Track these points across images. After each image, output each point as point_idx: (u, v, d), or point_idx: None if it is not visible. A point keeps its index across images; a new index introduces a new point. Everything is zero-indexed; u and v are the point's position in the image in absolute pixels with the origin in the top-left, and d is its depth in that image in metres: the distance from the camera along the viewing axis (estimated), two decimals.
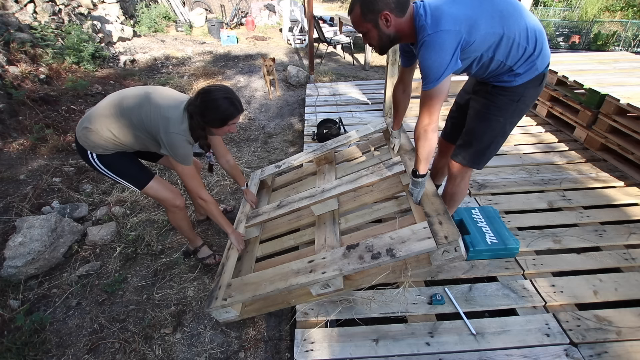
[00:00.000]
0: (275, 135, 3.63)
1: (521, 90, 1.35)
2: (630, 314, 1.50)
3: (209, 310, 1.54)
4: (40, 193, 2.60)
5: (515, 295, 1.60)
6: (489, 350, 1.39)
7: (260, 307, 1.62)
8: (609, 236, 1.92)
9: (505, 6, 1.22)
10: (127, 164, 1.72)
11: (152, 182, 1.75)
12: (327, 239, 1.72)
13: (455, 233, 1.28)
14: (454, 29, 1.14)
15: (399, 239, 1.37)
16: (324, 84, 4.71)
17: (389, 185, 1.90)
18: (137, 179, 1.74)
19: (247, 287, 1.52)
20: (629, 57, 3.54)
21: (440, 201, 1.50)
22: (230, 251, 1.87)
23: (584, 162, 2.64)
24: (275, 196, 2.42)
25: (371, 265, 1.33)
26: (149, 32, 7.49)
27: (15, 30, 4.20)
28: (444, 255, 1.32)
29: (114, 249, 2.16)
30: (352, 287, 1.49)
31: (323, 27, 7.11)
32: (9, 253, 1.92)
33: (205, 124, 1.57)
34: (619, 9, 10.50)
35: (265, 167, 2.54)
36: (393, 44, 1.30)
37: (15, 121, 3.28)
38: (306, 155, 2.40)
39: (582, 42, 7.94)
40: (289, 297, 1.58)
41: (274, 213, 1.94)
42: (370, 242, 1.42)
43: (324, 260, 1.45)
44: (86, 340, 1.66)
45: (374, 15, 1.19)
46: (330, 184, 1.93)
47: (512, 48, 1.24)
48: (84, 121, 1.60)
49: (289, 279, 1.44)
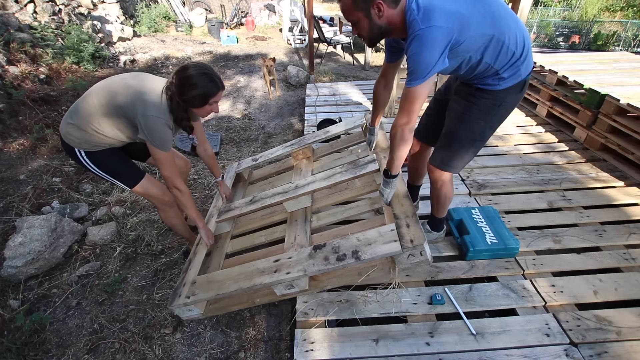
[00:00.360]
0: (275, 135, 3.63)
1: (503, 95, 1.33)
2: (630, 314, 1.50)
3: (171, 308, 1.52)
4: (40, 193, 2.60)
5: (515, 295, 1.60)
6: (489, 350, 1.39)
7: (224, 306, 1.59)
8: (609, 236, 1.92)
9: (498, 8, 1.19)
10: (118, 162, 1.69)
11: (143, 181, 1.73)
12: (297, 237, 1.70)
13: (421, 237, 1.27)
14: (446, 26, 1.10)
15: (365, 241, 1.35)
16: (324, 84, 4.71)
17: (363, 184, 1.87)
18: (128, 177, 1.71)
19: (212, 286, 1.49)
20: (629, 57, 3.54)
21: (410, 203, 1.48)
22: (198, 247, 1.83)
23: (584, 162, 2.64)
24: (251, 190, 2.38)
25: (335, 267, 1.32)
26: (149, 32, 7.49)
27: (15, 30, 4.20)
28: (409, 258, 1.31)
29: (114, 249, 2.16)
30: (317, 288, 1.48)
31: (323, 27, 7.11)
32: (9, 253, 1.92)
33: (185, 105, 1.51)
34: (619, 9, 10.50)
35: (243, 160, 2.51)
36: (383, 37, 1.26)
37: (15, 121, 3.28)
38: (284, 150, 2.35)
39: (582, 42, 7.95)
40: (254, 297, 1.56)
41: (246, 208, 1.90)
42: (337, 243, 1.40)
43: (290, 260, 1.43)
44: (86, 340, 1.66)
45: (365, 4, 1.14)
46: (304, 180, 1.88)
47: (501, 51, 1.21)
48: (66, 118, 1.56)
49: (253, 279, 1.42)
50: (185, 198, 1.70)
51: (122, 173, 1.71)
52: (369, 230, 1.40)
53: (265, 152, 2.44)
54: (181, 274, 1.68)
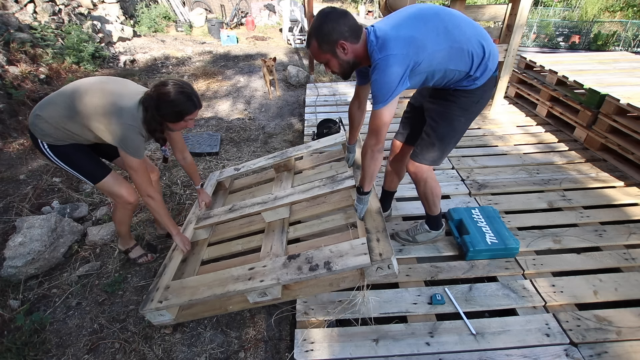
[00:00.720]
0: (275, 135, 3.63)
1: (480, 92, 1.41)
2: (630, 314, 1.50)
3: (142, 312, 1.53)
4: (40, 193, 2.60)
5: (515, 295, 1.60)
6: (489, 350, 1.39)
7: (196, 312, 1.61)
8: (609, 236, 1.92)
9: (450, 19, 1.29)
10: (82, 157, 1.67)
11: (108, 177, 1.71)
12: (273, 247, 1.75)
13: (389, 251, 1.35)
14: (401, 53, 1.20)
15: (337, 253, 1.42)
16: (324, 84, 4.71)
17: (340, 198, 1.95)
18: (91, 173, 1.69)
19: (185, 291, 1.51)
20: (629, 57, 3.54)
21: (382, 218, 1.57)
22: (174, 252, 1.84)
23: (584, 162, 2.64)
24: (231, 199, 2.43)
25: (308, 276, 1.37)
26: (149, 32, 7.49)
27: (15, 30, 4.20)
28: (377, 271, 1.38)
29: (114, 249, 2.16)
30: (290, 296, 1.52)
31: None
32: (9, 253, 1.92)
33: (160, 118, 1.53)
34: (618, 9, 10.50)
35: (224, 169, 2.55)
36: (354, 68, 1.37)
37: (15, 121, 3.28)
38: (266, 161, 2.42)
39: (582, 42, 7.95)
40: (227, 303, 1.59)
41: (224, 217, 1.94)
42: (310, 254, 1.46)
43: (264, 269, 1.47)
44: (86, 340, 1.66)
45: (330, 46, 1.26)
46: (284, 192, 1.96)
47: (463, 56, 1.30)
48: (35, 109, 1.56)
49: (227, 285, 1.45)
50: (158, 205, 1.71)
51: (86, 168, 1.69)
52: (341, 243, 1.46)
53: (247, 162, 2.50)
54: (155, 278, 1.69)
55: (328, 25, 1.23)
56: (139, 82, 4.86)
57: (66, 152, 1.63)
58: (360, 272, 1.47)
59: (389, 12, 2.77)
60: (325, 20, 1.23)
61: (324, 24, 1.23)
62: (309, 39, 1.29)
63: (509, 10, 3.09)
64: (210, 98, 4.59)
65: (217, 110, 4.28)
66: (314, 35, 1.26)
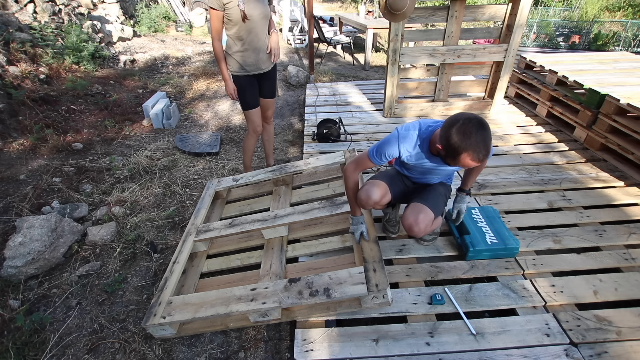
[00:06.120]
0: (275, 135, 3.63)
1: None
2: (630, 314, 1.50)
3: (145, 327, 1.54)
4: (40, 193, 2.60)
5: (515, 295, 1.60)
6: (489, 350, 1.39)
7: (197, 327, 1.64)
8: (609, 236, 1.92)
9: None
10: (248, 91, 2.24)
11: (254, 109, 2.31)
12: (272, 266, 1.81)
13: (384, 282, 1.46)
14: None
15: (336, 280, 1.49)
16: (324, 84, 4.71)
17: (338, 221, 2.03)
18: (248, 103, 2.29)
19: (188, 308, 1.54)
20: (629, 57, 3.54)
21: (378, 249, 1.65)
22: (174, 265, 1.84)
23: (584, 162, 2.64)
24: (228, 209, 2.46)
25: (308, 302, 1.44)
26: (149, 32, 7.49)
27: (15, 30, 4.20)
28: (373, 300, 1.47)
29: (114, 249, 2.16)
30: (289, 317, 1.56)
31: (323, 27, 7.11)
32: (9, 253, 1.92)
33: None
34: (619, 9, 10.50)
35: (223, 178, 2.56)
36: None
37: (15, 121, 3.28)
38: (265, 175, 2.45)
39: (582, 42, 7.94)
40: (228, 321, 1.63)
41: (224, 231, 1.98)
42: (310, 279, 1.52)
43: (266, 290, 1.52)
44: (86, 340, 1.66)
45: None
46: (284, 210, 2.02)
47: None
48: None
49: (230, 305, 1.49)
50: (216, 50, 2.12)
51: (246, 99, 2.27)
52: (340, 270, 1.54)
53: (246, 174, 2.52)
54: (156, 292, 1.70)
55: None
56: (139, 82, 4.86)
57: (240, 83, 2.21)
58: (357, 298, 1.52)
59: (389, 12, 2.76)
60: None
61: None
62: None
63: (509, 10, 3.09)
64: (210, 98, 4.59)
65: (217, 110, 4.28)
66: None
